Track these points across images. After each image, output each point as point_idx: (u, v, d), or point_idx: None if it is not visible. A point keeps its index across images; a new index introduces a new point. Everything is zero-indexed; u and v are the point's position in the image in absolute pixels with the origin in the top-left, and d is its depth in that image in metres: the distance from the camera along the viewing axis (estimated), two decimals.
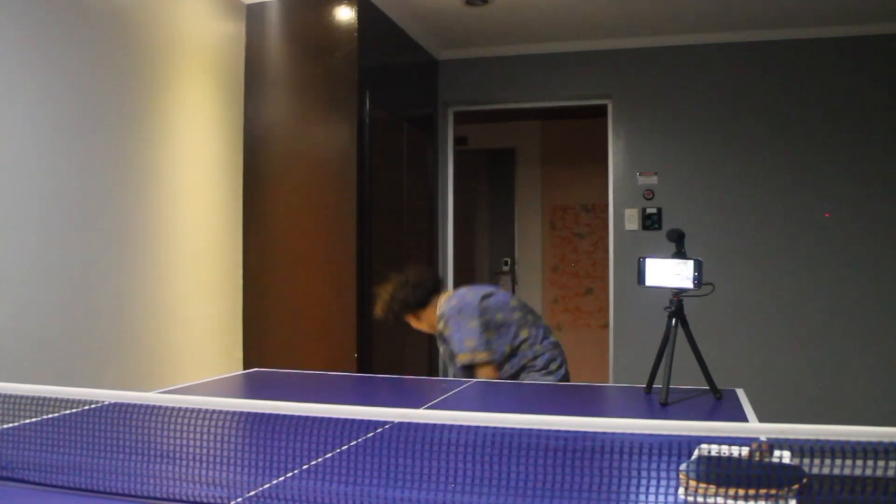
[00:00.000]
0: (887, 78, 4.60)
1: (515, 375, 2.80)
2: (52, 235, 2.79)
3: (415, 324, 3.00)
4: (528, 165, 6.95)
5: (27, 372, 2.60)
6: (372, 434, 1.67)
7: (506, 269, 6.91)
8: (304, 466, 1.40)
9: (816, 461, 1.10)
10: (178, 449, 1.42)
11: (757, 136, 4.77)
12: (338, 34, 3.92)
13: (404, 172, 4.59)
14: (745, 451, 1.34)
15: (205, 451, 1.35)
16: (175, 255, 3.47)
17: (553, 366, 2.83)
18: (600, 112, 5.18)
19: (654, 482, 1.18)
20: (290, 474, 1.37)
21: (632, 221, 4.91)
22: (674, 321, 2.22)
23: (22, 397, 1.48)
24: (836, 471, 1.08)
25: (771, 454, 1.31)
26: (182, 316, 3.52)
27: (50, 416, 1.55)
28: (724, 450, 1.34)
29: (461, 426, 1.31)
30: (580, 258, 6.82)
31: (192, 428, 1.36)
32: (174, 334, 3.46)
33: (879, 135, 4.61)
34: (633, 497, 1.22)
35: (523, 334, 2.82)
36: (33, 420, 1.54)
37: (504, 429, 1.35)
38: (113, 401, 1.49)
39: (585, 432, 1.25)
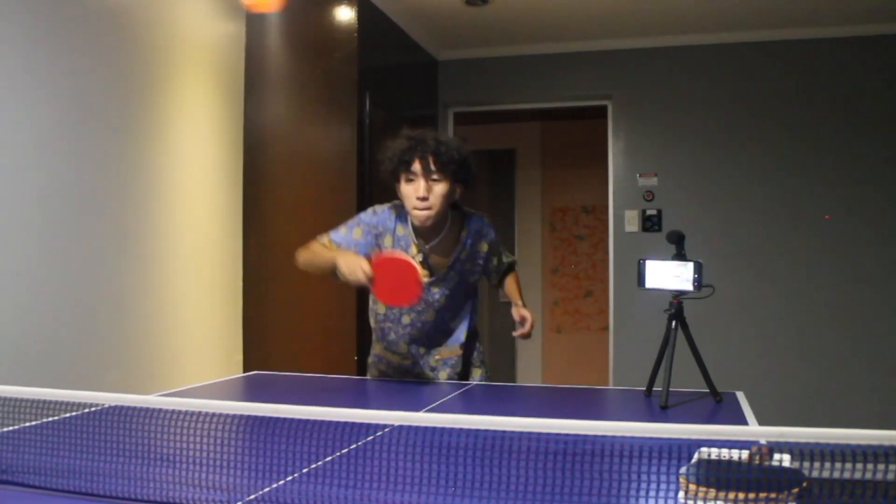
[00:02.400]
0: (888, 78, 4.60)
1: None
2: (52, 236, 2.78)
3: (440, 190, 2.33)
4: (528, 167, 6.95)
5: (27, 374, 2.60)
6: (372, 437, 1.66)
7: None
8: (305, 470, 1.40)
9: (817, 464, 1.10)
10: (178, 452, 1.42)
11: (757, 138, 4.77)
12: (338, 34, 3.92)
13: None
14: (745, 454, 1.34)
15: (205, 454, 1.34)
16: (175, 256, 3.47)
17: None
18: (600, 113, 5.18)
19: (653, 486, 1.18)
20: (290, 478, 1.37)
21: (632, 223, 4.91)
22: (674, 323, 2.22)
23: (22, 400, 1.48)
24: (837, 474, 1.08)
25: (771, 457, 1.31)
26: (182, 318, 3.52)
27: (50, 419, 1.55)
28: (724, 453, 1.34)
29: (461, 429, 1.31)
30: (580, 260, 6.82)
31: (192, 431, 1.35)
32: (174, 336, 3.46)
33: (880, 136, 4.61)
34: (632, 500, 1.22)
35: None
36: (33, 423, 1.54)
37: (504, 432, 1.35)
38: (113, 404, 1.49)
39: (585, 435, 1.25)
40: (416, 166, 2.33)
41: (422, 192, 2.32)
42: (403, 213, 2.46)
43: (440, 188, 2.34)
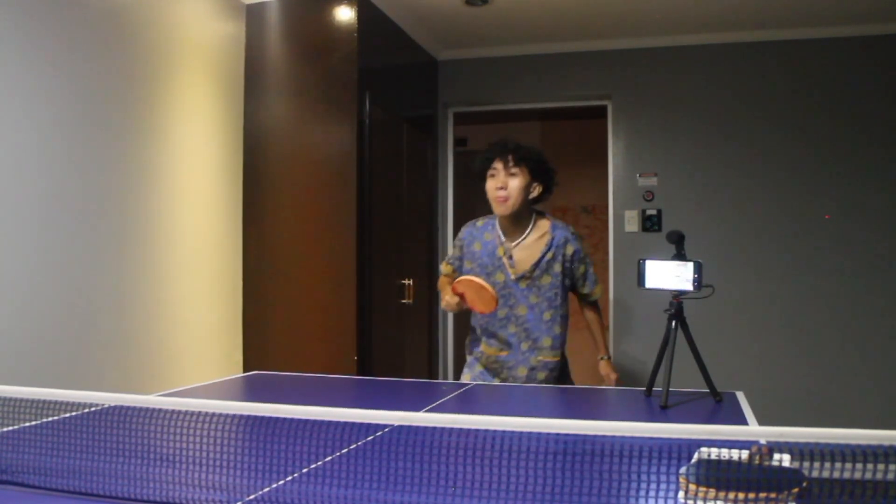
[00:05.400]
0: (888, 78, 4.60)
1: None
2: (52, 237, 2.79)
3: (516, 183, 2.71)
4: None
5: (27, 374, 2.60)
6: (372, 437, 1.67)
7: None
8: (304, 470, 1.40)
9: (816, 464, 1.10)
10: (177, 452, 1.42)
11: (757, 137, 4.77)
12: (338, 34, 3.93)
13: (404, 173, 4.59)
14: (744, 454, 1.34)
15: (205, 454, 1.35)
16: (175, 256, 3.47)
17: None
18: (600, 113, 5.18)
19: (653, 486, 1.18)
20: (290, 478, 1.37)
21: (632, 223, 4.90)
22: (674, 323, 2.22)
23: (22, 400, 1.48)
24: (836, 474, 1.08)
25: (771, 457, 1.31)
26: (182, 318, 3.52)
27: (50, 419, 1.55)
28: (724, 453, 1.34)
29: (461, 429, 1.31)
30: None
31: (191, 431, 1.35)
32: (174, 336, 3.46)
33: (880, 136, 4.61)
34: (633, 500, 1.22)
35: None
36: (33, 423, 1.54)
37: (504, 432, 1.35)
38: (113, 404, 1.49)
39: (585, 435, 1.25)
40: (497, 164, 2.74)
41: (499, 183, 2.71)
42: (491, 221, 2.85)
43: (517, 182, 2.72)
